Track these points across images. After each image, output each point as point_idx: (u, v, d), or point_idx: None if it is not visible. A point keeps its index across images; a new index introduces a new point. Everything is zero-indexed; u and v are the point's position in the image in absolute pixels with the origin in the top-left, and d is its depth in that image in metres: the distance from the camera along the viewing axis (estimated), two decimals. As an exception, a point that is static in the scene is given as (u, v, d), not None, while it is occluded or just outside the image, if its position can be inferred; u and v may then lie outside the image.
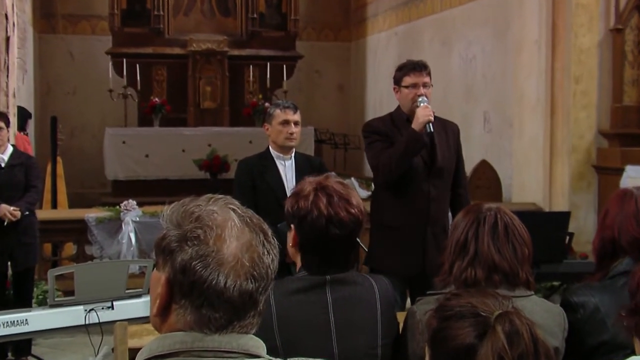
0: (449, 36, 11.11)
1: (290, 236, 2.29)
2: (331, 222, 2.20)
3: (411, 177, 4.18)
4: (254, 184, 4.38)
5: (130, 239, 6.79)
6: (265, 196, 4.32)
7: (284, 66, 13.06)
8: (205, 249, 1.26)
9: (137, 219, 6.84)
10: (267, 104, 11.90)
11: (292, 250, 2.32)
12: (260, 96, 13.01)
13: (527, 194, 7.78)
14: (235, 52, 13.22)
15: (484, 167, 8.61)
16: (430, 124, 4.06)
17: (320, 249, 2.24)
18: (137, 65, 12.43)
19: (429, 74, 4.23)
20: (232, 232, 1.29)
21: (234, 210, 1.33)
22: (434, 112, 4.14)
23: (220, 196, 1.36)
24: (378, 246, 4.32)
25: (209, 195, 1.36)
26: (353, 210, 2.22)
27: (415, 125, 4.07)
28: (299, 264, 2.32)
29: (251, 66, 13.17)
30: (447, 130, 4.37)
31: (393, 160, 4.09)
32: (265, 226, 1.35)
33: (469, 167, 8.56)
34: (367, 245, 4.46)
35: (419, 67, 4.20)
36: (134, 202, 6.97)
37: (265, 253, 1.32)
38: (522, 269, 2.24)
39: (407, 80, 4.20)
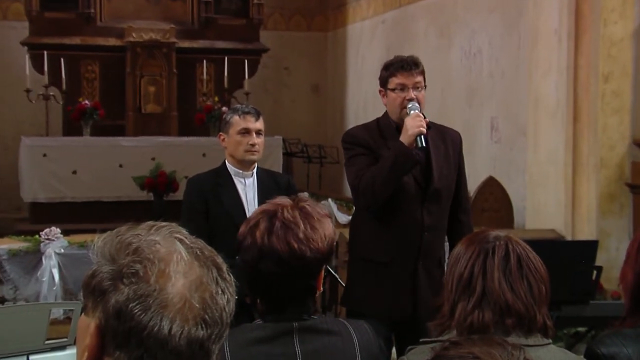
0: (448, 25, 11.19)
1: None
2: (263, 255, 2.21)
3: (400, 202, 4.20)
4: (207, 208, 4.39)
5: (52, 276, 6.73)
6: (221, 222, 4.33)
7: (246, 62, 13.07)
8: (145, 288, 1.26)
9: (62, 251, 6.79)
10: (224, 109, 11.87)
11: None
12: (216, 99, 13.01)
13: (545, 218, 7.82)
14: (185, 44, 13.21)
15: (492, 186, 8.66)
16: (422, 137, 4.07)
17: (260, 289, 2.27)
18: (62, 60, 12.37)
19: (421, 73, 4.25)
20: (178, 267, 1.29)
21: (180, 240, 1.33)
22: (428, 121, 4.16)
23: (164, 224, 1.37)
24: (358, 284, 4.33)
25: (151, 222, 1.36)
26: (296, 245, 2.21)
27: (404, 138, 4.09)
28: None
29: (205, 61, 13.17)
30: (445, 140, 4.40)
31: (377, 182, 4.10)
32: (219, 260, 1.35)
33: (472, 185, 8.63)
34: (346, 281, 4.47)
35: (407, 66, 4.22)
36: (58, 230, 6.91)
37: (219, 292, 1.32)
38: (540, 311, 2.25)
39: (394, 81, 4.23)
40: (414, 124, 4.06)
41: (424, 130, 4.07)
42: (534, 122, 8.08)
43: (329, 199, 11.07)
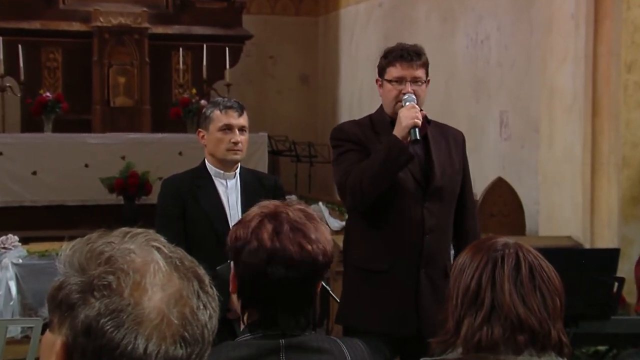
0: (453, 9, 11.21)
1: (232, 278, 2.32)
2: (274, 258, 2.22)
3: (398, 201, 4.22)
4: (184, 212, 4.39)
5: (9, 289, 6.72)
6: (200, 229, 4.34)
7: (227, 49, 13.07)
8: (119, 301, 1.26)
9: (20, 261, 6.78)
10: (203, 102, 11.87)
11: (235, 299, 2.33)
12: (194, 91, 13.00)
13: (560, 224, 7.84)
14: (159, 30, 13.19)
15: (501, 188, 8.67)
16: (417, 130, 4.09)
17: (260, 297, 2.27)
18: (19, 46, 12.34)
19: (423, 66, 4.27)
20: (155, 278, 1.29)
21: (158, 249, 1.33)
22: (424, 115, 4.19)
23: (140, 230, 1.36)
24: (354, 297, 4.34)
25: (125, 229, 1.36)
26: (309, 247, 2.24)
27: (398, 131, 4.11)
28: (244, 319, 2.32)
29: (181, 49, 13.16)
30: (447, 138, 4.43)
31: (366, 178, 4.12)
32: (201, 271, 1.35)
33: (479, 187, 8.63)
34: (339, 295, 4.47)
35: (408, 56, 4.24)
36: (16, 238, 6.91)
37: (201, 307, 1.32)
38: (554, 327, 2.26)
39: (392, 72, 4.26)
40: (408, 115, 4.09)
41: (419, 122, 4.10)
42: (548, 117, 8.10)
43: (320, 203, 11.08)
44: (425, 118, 4.21)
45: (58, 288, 1.30)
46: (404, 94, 4.19)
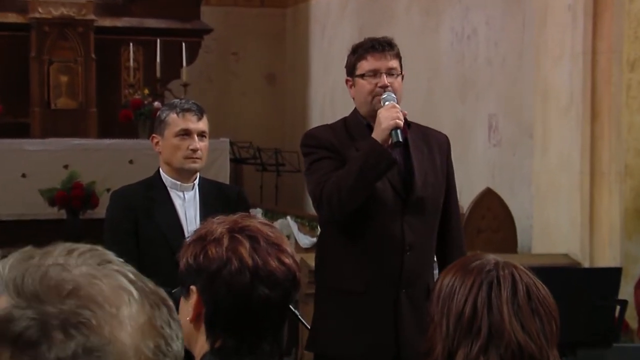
0: (436, 0, 11.24)
1: (189, 305, 2.29)
2: (258, 276, 2.22)
3: (375, 214, 4.23)
4: (136, 228, 4.38)
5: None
6: (153, 246, 4.33)
7: (183, 45, 13.05)
8: (97, 340, 1.20)
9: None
10: (156, 104, 11.83)
11: (189, 328, 2.30)
12: (147, 91, 12.96)
13: (556, 240, 7.86)
14: (106, 22, 13.15)
15: (490, 200, 8.69)
16: (399, 131, 4.10)
17: (242, 323, 2.25)
18: (-52, 41, 12.28)
19: (396, 57, 4.32)
20: (131, 310, 1.25)
21: (122, 273, 1.28)
22: (406, 115, 4.20)
23: (83, 246, 1.31)
24: (327, 321, 4.35)
25: (64, 244, 1.30)
26: (287, 260, 2.26)
27: (377, 133, 4.12)
28: (198, 350, 2.31)
29: (132, 45, 13.10)
30: (429, 143, 4.45)
31: (343, 188, 4.12)
32: (165, 295, 1.32)
33: (466, 199, 8.63)
34: (309, 320, 4.47)
35: (379, 46, 4.28)
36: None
37: (174, 337, 1.29)
38: (552, 353, 2.28)
39: (364, 65, 4.28)
40: (388, 115, 4.10)
41: (401, 123, 4.11)
42: (542, 121, 8.12)
43: (288, 217, 11.06)
44: (404, 120, 4.22)
45: (7, 320, 1.21)
46: (382, 88, 4.21)
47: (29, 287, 1.22)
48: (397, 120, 4.08)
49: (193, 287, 2.28)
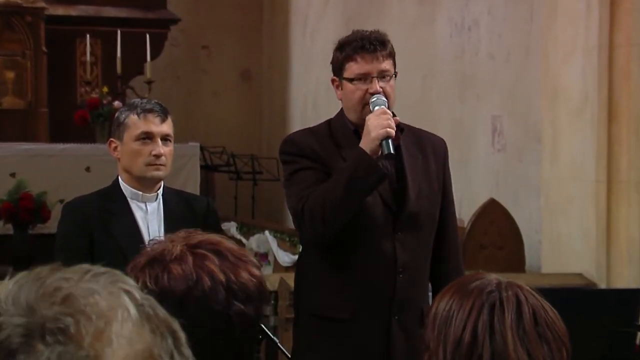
0: (433, -13, 11.27)
1: None
2: (232, 291, 2.23)
3: (364, 231, 4.22)
4: (92, 245, 4.36)
5: None
6: (110, 265, 4.25)
7: (147, 37, 13.04)
8: (74, 351, 1.22)
9: None
10: (116, 104, 11.83)
11: None
12: (106, 89, 12.96)
13: (568, 258, 7.87)
14: (59, 11, 13.18)
15: (494, 212, 8.69)
16: (390, 142, 4.08)
17: (221, 349, 2.25)
18: None
19: (389, 56, 4.29)
20: (122, 329, 1.26)
21: (127, 292, 1.31)
22: (398, 121, 4.19)
23: (104, 269, 1.35)
24: (309, 351, 4.34)
25: (84, 266, 1.34)
26: (256, 272, 2.27)
27: (365, 143, 4.10)
28: None
29: (88, 36, 13.10)
30: (425, 149, 4.45)
31: (328, 204, 4.11)
32: (177, 326, 1.34)
33: (466, 211, 8.63)
34: (289, 349, 4.46)
35: (370, 46, 4.24)
36: None
37: None
38: (562, 386, 2.29)
39: (352, 68, 4.26)
40: (378, 123, 4.07)
41: (392, 131, 4.09)
42: (552, 123, 8.14)
43: (266, 232, 11.06)
44: (397, 125, 4.21)
45: None
46: (372, 94, 4.19)
47: (25, 296, 1.27)
48: (388, 129, 4.06)
49: None
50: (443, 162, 4.49)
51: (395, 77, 4.32)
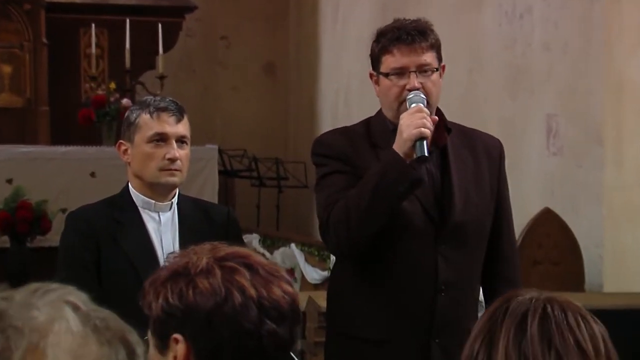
0: (480, -29, 11.27)
1: (179, 356, 2.27)
2: (264, 309, 2.24)
3: (402, 244, 4.21)
4: (98, 259, 4.38)
5: None
6: (120, 281, 4.32)
7: (160, 27, 13.10)
8: None
9: None
10: (125, 102, 11.87)
11: None
12: (112, 85, 13.02)
13: (634, 274, 7.86)
14: (62, -1, 13.23)
15: (549, 223, 8.68)
16: (424, 143, 4.05)
17: None
18: None
19: (432, 47, 4.26)
20: (60, 341, 1.29)
21: (73, 305, 1.36)
22: (436, 120, 4.15)
23: (56, 286, 1.40)
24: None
25: (36, 284, 1.39)
26: (289, 289, 2.30)
27: (398, 145, 4.09)
28: None
29: (94, 26, 13.18)
30: (476, 150, 4.44)
31: (353, 212, 4.10)
32: (133, 338, 1.38)
33: (518, 221, 8.58)
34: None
35: (408, 36, 4.22)
36: None
37: None
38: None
39: (389, 61, 4.25)
40: (411, 122, 4.05)
41: (427, 131, 4.06)
42: (616, 123, 8.13)
43: (292, 245, 11.07)
44: (443, 124, 4.18)
45: None
46: (409, 91, 4.17)
47: None
48: (422, 129, 4.04)
49: (178, 336, 2.26)
50: (498, 166, 4.47)
51: (441, 71, 4.29)
